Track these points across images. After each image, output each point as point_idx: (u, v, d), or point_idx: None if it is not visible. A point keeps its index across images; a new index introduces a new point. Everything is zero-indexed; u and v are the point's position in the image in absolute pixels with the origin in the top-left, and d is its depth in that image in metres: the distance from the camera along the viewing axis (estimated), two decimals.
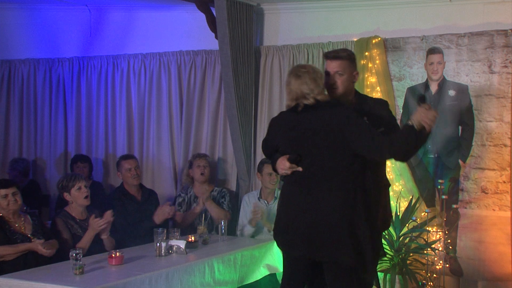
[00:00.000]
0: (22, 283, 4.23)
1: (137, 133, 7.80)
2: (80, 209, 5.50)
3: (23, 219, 5.15)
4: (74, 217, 5.45)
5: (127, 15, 7.89)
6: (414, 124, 3.79)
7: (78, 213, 5.49)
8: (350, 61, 4.25)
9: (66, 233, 5.32)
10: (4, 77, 8.48)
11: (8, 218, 5.03)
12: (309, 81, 4.05)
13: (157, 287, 4.49)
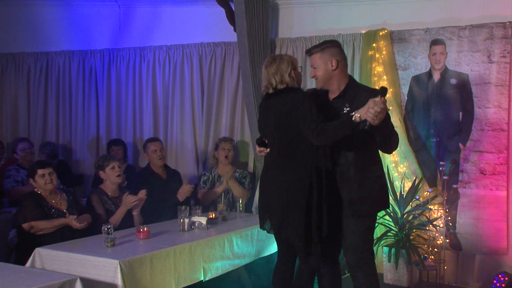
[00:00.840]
0: (60, 254, 4.33)
1: (162, 118, 7.86)
2: (113, 187, 5.57)
3: (59, 196, 5.21)
4: (108, 194, 5.52)
5: (153, 10, 7.91)
6: (355, 116, 3.69)
7: (111, 190, 5.55)
8: (322, 52, 4.08)
9: (100, 208, 5.38)
10: (42, 68, 8.56)
11: (45, 195, 5.10)
12: (274, 71, 4.09)
13: (180, 259, 4.56)
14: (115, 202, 5.49)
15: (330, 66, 4.04)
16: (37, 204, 5.01)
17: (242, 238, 5.20)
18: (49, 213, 5.04)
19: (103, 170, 5.53)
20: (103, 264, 4.11)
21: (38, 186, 5.11)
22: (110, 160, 5.57)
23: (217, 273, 4.92)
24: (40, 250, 4.42)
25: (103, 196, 5.49)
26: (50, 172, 5.14)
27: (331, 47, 4.12)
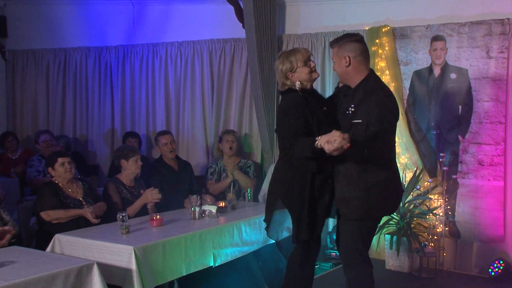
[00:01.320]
0: (78, 240, 4.38)
1: (174, 112, 7.89)
2: (131, 177, 5.59)
3: (75, 185, 5.24)
4: (124, 184, 5.54)
5: (165, 8, 7.92)
6: (318, 141, 3.56)
7: (128, 180, 5.57)
8: (339, 47, 3.89)
9: (116, 197, 5.41)
10: (60, 63, 8.65)
11: (62, 184, 5.13)
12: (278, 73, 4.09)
13: (192, 245, 4.59)
14: (131, 192, 5.53)
15: (344, 62, 3.84)
16: (54, 194, 5.04)
17: (250, 225, 5.21)
18: (65, 202, 5.07)
19: (126, 160, 5.54)
20: (118, 250, 4.15)
21: (57, 174, 5.14)
22: (135, 153, 5.60)
23: (226, 259, 4.94)
24: (60, 236, 4.46)
25: (119, 186, 5.51)
26: (69, 161, 5.17)
27: (349, 42, 3.88)
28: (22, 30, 8.96)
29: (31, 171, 7.05)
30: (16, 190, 6.94)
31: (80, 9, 8.54)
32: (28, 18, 8.90)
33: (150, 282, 4.20)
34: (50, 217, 4.95)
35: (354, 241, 3.90)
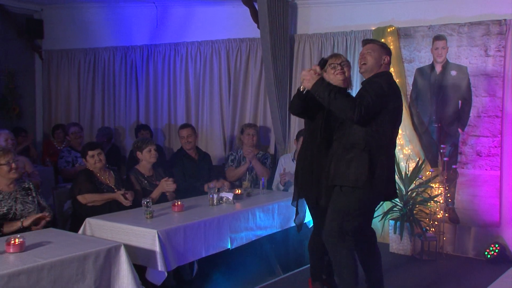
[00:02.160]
0: (107, 223, 4.44)
1: (194, 106, 7.89)
2: (148, 166, 5.60)
3: (107, 173, 5.30)
4: (143, 174, 5.56)
5: (185, 10, 7.92)
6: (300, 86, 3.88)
7: (146, 170, 5.59)
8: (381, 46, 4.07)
9: (137, 186, 5.44)
10: (90, 62, 8.72)
11: (96, 172, 5.20)
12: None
13: (210, 229, 4.63)
14: (150, 181, 5.54)
15: (382, 61, 3.97)
16: (89, 179, 5.10)
17: (264, 212, 5.23)
18: (100, 187, 5.13)
19: (140, 151, 5.56)
20: (143, 233, 4.20)
21: (89, 164, 5.21)
22: (148, 144, 5.59)
23: (241, 242, 4.97)
24: (90, 220, 4.52)
25: (139, 176, 5.54)
26: (99, 153, 5.22)
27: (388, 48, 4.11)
28: (57, 32, 9.04)
29: (61, 162, 7.11)
30: (51, 177, 7.01)
31: (108, 12, 8.57)
32: (62, 21, 8.97)
33: (172, 262, 4.24)
34: (87, 200, 5.01)
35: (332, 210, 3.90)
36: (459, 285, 4.99)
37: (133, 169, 5.65)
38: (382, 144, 3.81)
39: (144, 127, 7.71)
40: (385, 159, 3.80)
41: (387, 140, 3.84)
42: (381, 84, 3.82)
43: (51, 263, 3.34)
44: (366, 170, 3.72)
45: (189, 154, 6.28)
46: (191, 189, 5.87)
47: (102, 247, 3.69)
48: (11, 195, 4.40)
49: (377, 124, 3.77)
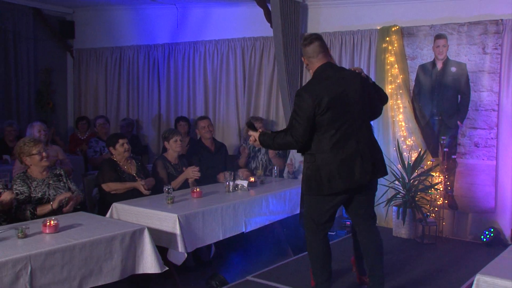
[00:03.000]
0: (132, 208, 4.50)
1: (211, 100, 7.91)
2: (175, 155, 5.63)
3: (130, 162, 5.32)
4: (170, 161, 5.61)
5: (204, 11, 7.93)
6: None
7: (172, 158, 5.63)
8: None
9: (163, 172, 5.48)
10: (116, 59, 8.79)
11: (120, 161, 5.23)
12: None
13: (226, 214, 4.67)
14: (176, 168, 5.59)
15: (305, 65, 3.94)
16: (113, 169, 5.14)
17: (276, 198, 5.25)
18: (122, 176, 5.16)
19: (167, 141, 5.60)
20: (165, 217, 4.25)
21: (117, 153, 5.21)
22: (174, 134, 5.62)
23: (256, 226, 5.00)
24: (116, 205, 4.59)
25: (166, 163, 5.57)
26: (127, 142, 5.26)
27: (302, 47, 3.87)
28: (86, 32, 9.13)
29: (90, 151, 7.20)
30: (81, 165, 7.09)
31: (133, 13, 8.61)
32: (91, 22, 9.05)
33: (192, 244, 4.30)
34: (110, 188, 5.06)
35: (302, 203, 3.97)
36: (457, 266, 4.98)
37: (161, 156, 5.69)
38: (324, 149, 3.65)
39: (183, 118, 7.66)
40: (331, 161, 3.63)
41: (326, 144, 3.63)
42: (300, 99, 3.63)
43: (82, 243, 3.42)
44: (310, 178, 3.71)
45: (206, 145, 6.29)
46: (209, 177, 5.89)
47: (128, 229, 3.75)
48: (44, 182, 4.46)
49: (316, 133, 3.67)
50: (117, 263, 3.63)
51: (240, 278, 4.55)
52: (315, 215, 3.79)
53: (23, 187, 4.34)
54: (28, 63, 8.64)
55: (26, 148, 4.43)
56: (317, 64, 3.75)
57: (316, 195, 3.73)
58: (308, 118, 3.58)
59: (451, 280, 4.51)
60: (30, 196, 4.34)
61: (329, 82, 3.66)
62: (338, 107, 3.61)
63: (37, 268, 3.16)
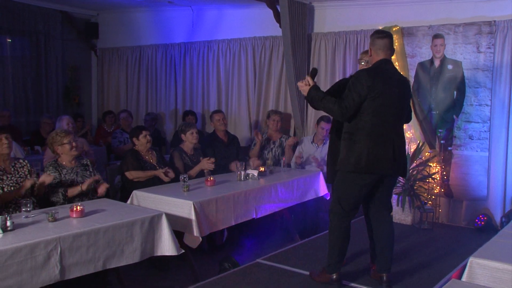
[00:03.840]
0: (151, 195, 4.52)
1: (224, 95, 7.91)
2: (190, 147, 5.65)
3: (151, 153, 5.35)
4: (186, 152, 5.63)
5: (217, 12, 7.94)
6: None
7: (188, 149, 5.65)
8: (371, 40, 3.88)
9: (179, 163, 5.50)
10: (136, 57, 8.82)
11: (141, 151, 5.26)
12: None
13: (238, 201, 4.68)
14: (191, 158, 5.61)
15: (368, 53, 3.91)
16: (135, 158, 5.17)
17: (285, 187, 5.25)
18: (144, 165, 5.19)
19: (184, 134, 5.62)
20: (181, 204, 4.27)
21: (140, 143, 5.23)
22: (191, 127, 5.65)
23: (265, 213, 5.00)
24: (137, 192, 4.61)
25: (182, 154, 5.59)
26: (149, 134, 5.31)
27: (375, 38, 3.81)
28: (109, 32, 9.17)
29: (115, 142, 7.26)
30: (104, 156, 7.15)
31: (152, 15, 8.62)
32: (114, 24, 9.09)
33: (206, 229, 4.32)
34: (132, 176, 5.09)
35: (333, 190, 3.89)
36: (452, 249, 4.99)
37: (178, 147, 5.70)
38: (365, 131, 3.63)
39: (191, 112, 7.73)
40: (369, 142, 3.62)
41: (368, 126, 3.62)
42: (359, 79, 3.64)
43: (105, 227, 3.47)
44: (348, 154, 3.66)
45: (220, 137, 6.28)
46: (222, 167, 5.90)
47: (147, 215, 3.79)
48: (73, 170, 4.54)
49: (360, 114, 3.65)
50: (137, 246, 3.68)
51: (250, 260, 4.55)
52: (346, 197, 3.73)
53: (55, 173, 4.42)
54: (56, 61, 8.74)
55: (58, 138, 4.50)
56: (379, 57, 3.75)
57: (352, 171, 3.65)
58: (360, 95, 3.58)
59: (446, 262, 4.52)
60: (61, 181, 4.44)
61: (386, 76, 3.68)
62: (387, 100, 3.65)
63: (66, 248, 3.23)
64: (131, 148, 5.43)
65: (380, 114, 3.64)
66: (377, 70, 3.71)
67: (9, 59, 8.16)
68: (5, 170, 4.23)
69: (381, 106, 3.63)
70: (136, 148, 5.30)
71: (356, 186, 3.71)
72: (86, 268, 3.37)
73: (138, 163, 5.17)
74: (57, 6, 8.55)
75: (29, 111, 8.40)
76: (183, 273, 4.59)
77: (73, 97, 8.99)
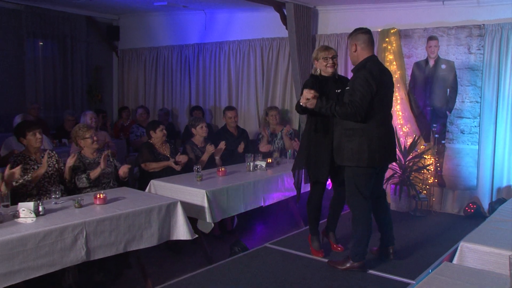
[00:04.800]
0: (167, 184, 4.58)
1: (234, 92, 7.90)
2: (201, 139, 5.65)
3: (165, 145, 5.38)
4: (197, 144, 5.65)
5: (228, 15, 7.94)
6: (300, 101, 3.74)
7: (199, 142, 5.66)
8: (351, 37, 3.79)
9: (192, 155, 5.53)
10: (153, 57, 8.83)
11: (156, 144, 5.29)
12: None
13: (248, 191, 4.71)
14: (202, 150, 5.60)
15: (353, 49, 3.74)
16: (150, 151, 5.21)
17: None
18: (158, 157, 5.22)
19: (195, 128, 5.64)
20: (194, 192, 4.31)
21: (156, 136, 5.26)
22: (200, 121, 5.67)
23: (272, 201, 5.01)
24: (154, 181, 4.66)
25: (193, 146, 5.61)
26: (164, 128, 5.35)
27: (358, 33, 3.74)
28: (129, 35, 9.20)
29: (132, 136, 7.32)
30: (124, 148, 7.20)
31: (168, 18, 8.62)
32: (133, 26, 9.11)
33: (217, 216, 4.36)
34: (148, 167, 5.14)
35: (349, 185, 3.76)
36: (445, 235, 5.00)
37: (189, 140, 5.71)
38: (373, 127, 3.60)
39: (198, 107, 7.77)
40: (377, 138, 3.61)
41: (375, 123, 3.60)
42: (366, 78, 3.57)
43: (126, 213, 3.53)
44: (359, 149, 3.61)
45: (231, 131, 6.33)
46: (232, 159, 5.91)
47: (164, 202, 3.82)
48: (95, 161, 4.58)
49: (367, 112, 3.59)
50: (155, 231, 3.72)
51: (259, 245, 4.57)
52: (364, 188, 3.67)
53: (79, 164, 4.50)
54: (81, 61, 8.84)
55: (81, 133, 4.57)
56: (366, 54, 3.69)
57: (367, 166, 3.60)
58: (371, 93, 3.53)
59: (439, 247, 4.53)
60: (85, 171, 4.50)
61: (382, 72, 3.68)
62: (388, 94, 3.71)
63: (91, 232, 3.30)
64: (146, 142, 5.45)
65: (383, 110, 3.68)
66: (376, 68, 3.66)
67: (40, 60, 8.32)
68: (36, 160, 4.32)
69: (383, 101, 3.67)
70: (151, 141, 5.32)
71: (371, 179, 3.71)
72: (109, 250, 3.43)
73: (152, 155, 5.20)
74: (83, 11, 8.67)
75: (57, 107, 8.54)
76: (196, 256, 4.64)
77: (96, 94, 9.06)
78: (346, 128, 3.66)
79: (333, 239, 4.35)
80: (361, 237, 3.73)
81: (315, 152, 4.00)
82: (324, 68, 4.01)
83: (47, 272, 3.09)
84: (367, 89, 3.54)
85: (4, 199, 3.46)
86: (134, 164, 5.59)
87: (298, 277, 3.76)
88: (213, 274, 3.83)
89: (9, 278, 2.89)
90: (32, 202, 3.30)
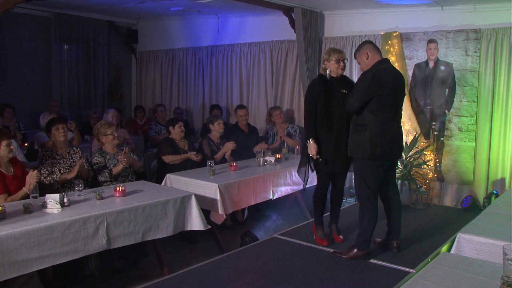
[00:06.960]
0: (182, 178, 4.61)
1: (245, 91, 7.89)
2: (217, 135, 5.65)
3: (183, 140, 5.39)
4: (213, 140, 5.64)
5: (240, 19, 7.93)
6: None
7: (215, 138, 5.66)
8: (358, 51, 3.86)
9: (207, 149, 5.54)
10: (169, 59, 8.86)
11: (175, 139, 5.31)
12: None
13: (258, 184, 4.73)
14: (218, 146, 5.62)
15: (364, 57, 3.78)
16: (170, 144, 5.24)
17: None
18: (177, 150, 5.24)
19: (212, 124, 5.64)
20: (208, 186, 4.32)
21: (175, 132, 5.28)
22: (218, 118, 5.68)
23: (281, 194, 5.02)
24: (170, 175, 4.68)
25: (210, 142, 5.62)
26: (183, 125, 5.37)
27: (362, 45, 3.84)
28: (147, 38, 9.24)
29: (150, 132, 7.34)
30: (141, 144, 7.25)
31: (183, 22, 8.63)
32: (151, 30, 9.14)
33: (229, 208, 4.38)
34: (169, 160, 5.14)
35: (356, 179, 3.77)
36: (443, 226, 5.00)
37: (206, 136, 5.72)
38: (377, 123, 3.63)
39: (217, 106, 7.74)
40: (381, 133, 3.63)
41: (381, 119, 3.62)
42: (365, 80, 3.64)
43: (143, 205, 3.55)
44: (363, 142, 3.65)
45: (242, 128, 6.33)
46: (243, 154, 5.91)
47: (179, 195, 3.84)
48: (115, 156, 4.62)
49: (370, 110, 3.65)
50: (171, 222, 3.74)
51: (268, 235, 4.59)
52: (369, 179, 3.68)
53: (100, 158, 4.55)
54: (103, 63, 8.92)
55: (102, 129, 4.61)
56: (377, 58, 3.75)
57: (368, 159, 3.62)
58: (370, 92, 3.59)
59: (437, 237, 4.53)
60: (106, 166, 4.55)
61: (390, 74, 3.68)
62: (396, 95, 3.70)
63: (111, 222, 3.33)
64: (166, 137, 5.48)
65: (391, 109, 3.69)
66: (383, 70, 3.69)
67: (66, 62, 8.42)
68: (62, 155, 4.37)
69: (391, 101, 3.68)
70: (171, 136, 5.35)
71: (376, 170, 3.71)
72: (128, 239, 3.47)
73: (172, 149, 5.23)
74: (105, 16, 8.75)
75: (80, 106, 8.65)
76: (209, 246, 4.66)
77: (116, 94, 9.13)
78: (357, 123, 3.73)
79: (335, 231, 4.35)
80: (367, 226, 3.74)
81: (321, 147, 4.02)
82: (334, 69, 4.01)
83: (72, 259, 3.14)
84: (364, 92, 3.63)
85: (33, 191, 3.51)
86: (152, 158, 5.62)
87: (304, 265, 3.77)
88: (225, 263, 3.84)
89: (40, 262, 2.96)
90: (58, 194, 3.35)
